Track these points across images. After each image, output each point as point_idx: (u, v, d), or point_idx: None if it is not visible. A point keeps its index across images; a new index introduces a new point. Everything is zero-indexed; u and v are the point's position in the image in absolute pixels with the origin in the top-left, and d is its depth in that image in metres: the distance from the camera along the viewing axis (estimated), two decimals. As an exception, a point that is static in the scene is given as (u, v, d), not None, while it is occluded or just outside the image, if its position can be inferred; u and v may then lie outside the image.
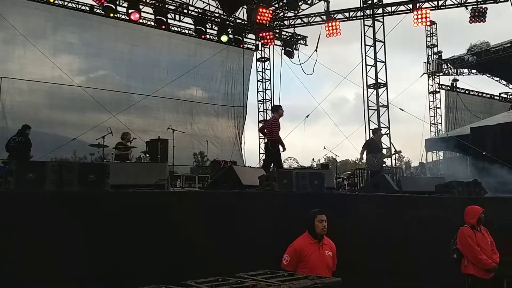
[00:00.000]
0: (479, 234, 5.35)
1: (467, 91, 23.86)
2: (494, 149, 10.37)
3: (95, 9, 15.66)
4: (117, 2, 15.49)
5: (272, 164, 8.98)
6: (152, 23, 16.65)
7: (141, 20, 16.28)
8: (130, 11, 15.24)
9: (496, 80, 25.17)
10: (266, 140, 9.60)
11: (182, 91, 18.29)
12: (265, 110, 20.59)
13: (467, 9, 15.52)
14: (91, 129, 13.67)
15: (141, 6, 15.70)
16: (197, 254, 4.82)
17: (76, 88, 15.25)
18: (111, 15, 15.47)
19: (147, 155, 10.67)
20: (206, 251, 4.87)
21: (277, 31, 19.07)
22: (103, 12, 15.51)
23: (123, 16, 16.09)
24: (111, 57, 16.54)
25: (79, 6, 15.63)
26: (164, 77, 17.20)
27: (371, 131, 14.75)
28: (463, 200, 6.58)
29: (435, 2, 16.01)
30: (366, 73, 16.48)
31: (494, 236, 5.45)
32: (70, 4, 15.49)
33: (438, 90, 23.17)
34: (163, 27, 16.44)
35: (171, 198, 5.49)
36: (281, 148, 8.89)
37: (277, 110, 9.14)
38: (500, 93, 25.37)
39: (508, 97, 25.42)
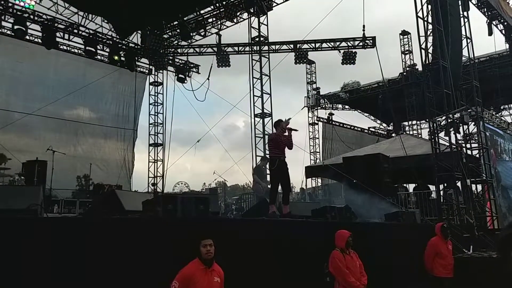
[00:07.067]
0: (348, 257, 5.61)
1: (341, 124, 25.68)
2: (362, 177, 11.17)
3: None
4: (2, 17, 14.36)
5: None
6: (39, 40, 15.59)
7: (27, 37, 15.21)
8: (15, 27, 14.20)
9: (365, 116, 27.64)
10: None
11: (68, 110, 17.34)
12: (156, 134, 20.44)
13: (340, 52, 17.55)
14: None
15: (28, 23, 14.69)
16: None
17: None
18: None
19: (23, 177, 10.01)
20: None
21: (171, 57, 19.35)
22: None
23: (8, 32, 14.95)
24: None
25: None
26: (49, 95, 16.17)
27: (260, 158, 15.74)
28: (335, 225, 6.76)
29: (313, 44, 17.84)
30: (254, 103, 17.87)
31: (362, 258, 5.75)
32: None
33: (316, 122, 24.94)
34: (51, 45, 15.51)
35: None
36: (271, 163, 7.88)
37: (277, 125, 7.95)
38: (369, 127, 27.74)
39: (376, 130, 27.79)
